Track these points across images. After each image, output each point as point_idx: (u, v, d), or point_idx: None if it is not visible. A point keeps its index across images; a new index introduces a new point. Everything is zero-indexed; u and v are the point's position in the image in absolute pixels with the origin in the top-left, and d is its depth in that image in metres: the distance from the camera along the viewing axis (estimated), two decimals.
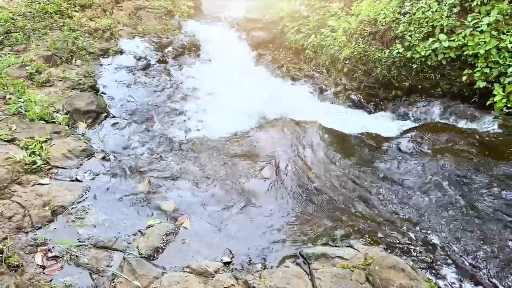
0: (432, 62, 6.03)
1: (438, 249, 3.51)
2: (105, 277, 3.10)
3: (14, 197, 3.70)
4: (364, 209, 4.07)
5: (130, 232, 3.60)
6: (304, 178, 4.58)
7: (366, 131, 5.60)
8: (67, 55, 6.93)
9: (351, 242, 3.55)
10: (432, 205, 4.05)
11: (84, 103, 5.62)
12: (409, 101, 6.37)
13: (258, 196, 4.30)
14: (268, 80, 8.04)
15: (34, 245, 3.28)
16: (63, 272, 3.11)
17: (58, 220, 3.62)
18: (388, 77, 6.51)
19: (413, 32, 6.23)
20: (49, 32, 7.48)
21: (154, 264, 3.25)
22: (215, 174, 4.61)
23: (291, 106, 6.71)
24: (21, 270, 3.03)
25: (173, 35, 9.13)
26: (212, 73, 7.96)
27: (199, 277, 3.10)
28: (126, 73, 7.18)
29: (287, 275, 3.11)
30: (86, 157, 4.68)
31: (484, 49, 5.53)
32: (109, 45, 7.84)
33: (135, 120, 5.79)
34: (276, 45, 9.29)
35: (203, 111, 6.41)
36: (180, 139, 5.41)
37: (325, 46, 7.72)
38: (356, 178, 4.56)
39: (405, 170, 4.64)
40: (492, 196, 4.05)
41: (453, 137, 5.16)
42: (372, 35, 6.86)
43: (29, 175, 4.07)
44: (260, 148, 5.18)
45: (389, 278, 2.95)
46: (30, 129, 4.80)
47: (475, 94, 5.80)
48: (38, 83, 5.92)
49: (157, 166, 4.69)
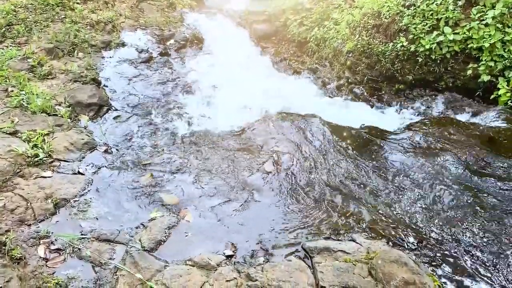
0: (436, 55, 5.98)
1: (441, 243, 3.51)
2: (108, 270, 3.11)
3: (17, 190, 3.71)
4: (366, 203, 4.06)
5: (132, 225, 3.61)
6: (306, 172, 4.57)
7: (369, 125, 5.57)
8: (69, 48, 6.91)
9: (353, 236, 3.55)
10: (435, 199, 4.04)
11: (86, 96, 5.60)
12: (412, 94, 6.34)
13: (260, 190, 4.29)
14: (271, 73, 8.00)
15: (37, 237, 3.30)
16: (66, 265, 3.12)
17: (60, 213, 3.63)
18: (392, 71, 6.46)
19: (417, 25, 6.17)
20: (51, 24, 7.47)
21: (157, 257, 3.26)
22: (217, 167, 4.60)
23: (294, 100, 6.67)
24: (24, 263, 3.05)
25: (175, 28, 9.08)
26: (214, 66, 7.92)
27: (202, 270, 3.11)
28: (128, 66, 7.16)
29: (289, 268, 3.12)
30: (89, 150, 4.68)
31: (489, 42, 5.48)
32: (111, 37, 7.81)
33: (137, 113, 5.78)
34: (278, 38, 9.22)
35: (205, 104, 6.39)
36: (182, 133, 5.39)
37: (328, 39, 7.67)
38: (359, 172, 4.55)
39: (407, 164, 4.62)
40: (497, 191, 4.04)
41: (456, 131, 5.13)
42: (375, 28, 6.81)
43: (31, 168, 4.07)
44: (262, 141, 5.16)
45: (391, 272, 2.95)
46: (32, 121, 4.79)
47: (479, 88, 5.76)
48: (40, 76, 5.90)
49: (159, 160, 4.68)
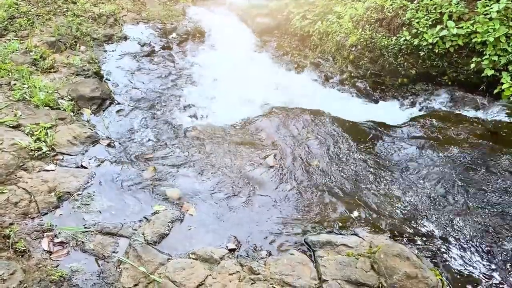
0: (439, 49, 5.95)
1: (444, 238, 3.51)
2: (111, 263, 3.13)
3: (20, 183, 3.72)
4: (369, 197, 4.07)
5: (135, 219, 3.63)
6: (308, 167, 4.58)
7: (372, 119, 5.56)
8: (71, 41, 6.89)
9: (356, 230, 3.56)
10: (438, 194, 4.04)
11: (89, 90, 5.59)
12: (415, 89, 6.31)
13: (263, 184, 4.30)
14: (273, 67, 7.96)
15: (41, 230, 3.32)
16: (70, 258, 3.14)
17: (64, 206, 3.65)
18: (395, 65, 6.43)
19: (420, 19, 6.13)
20: (53, 17, 7.44)
21: (160, 250, 3.28)
22: (220, 161, 4.60)
23: (296, 94, 6.65)
24: (28, 255, 3.07)
25: (177, 21, 9.03)
26: (217, 59, 7.89)
27: (204, 264, 3.13)
28: (130, 59, 7.14)
29: (292, 262, 3.13)
30: (91, 144, 4.68)
31: (493, 36, 5.44)
32: (113, 31, 7.78)
33: (139, 107, 5.78)
34: (281, 32, 9.16)
35: (207, 98, 6.38)
36: (185, 127, 5.39)
37: (331, 32, 7.62)
38: (361, 166, 4.55)
39: (410, 159, 4.62)
40: (499, 186, 4.03)
41: (459, 125, 5.13)
42: (379, 22, 6.77)
43: (34, 161, 4.08)
44: (265, 136, 5.16)
45: (394, 266, 2.96)
46: (35, 115, 4.79)
47: (483, 82, 5.73)
48: (43, 69, 5.89)
49: (162, 153, 4.69)
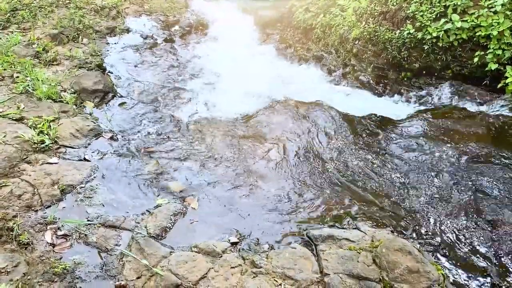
0: (443, 43, 5.90)
1: (446, 233, 3.51)
2: (114, 255, 3.15)
3: (24, 176, 3.74)
4: (371, 191, 4.07)
5: (138, 212, 3.64)
6: (311, 160, 4.58)
7: (375, 113, 5.54)
8: (73, 34, 6.88)
9: (358, 224, 3.57)
10: (441, 189, 4.04)
11: (92, 82, 5.59)
12: (419, 83, 6.27)
13: (265, 177, 4.30)
14: (276, 60, 7.94)
15: (44, 223, 3.33)
16: (73, 250, 3.16)
17: (67, 199, 3.66)
18: (398, 58, 6.39)
19: (424, 12, 6.08)
20: (55, 10, 7.43)
21: (162, 243, 3.29)
22: (222, 155, 4.61)
23: (299, 87, 6.63)
24: (32, 248, 3.09)
25: (180, 14, 9.01)
26: (219, 52, 7.87)
27: (207, 257, 3.14)
28: (133, 52, 7.13)
29: (293, 256, 3.14)
30: (94, 137, 4.69)
31: (497, 30, 5.39)
32: (115, 23, 7.76)
33: (142, 100, 5.77)
34: (284, 25, 9.12)
35: (210, 91, 6.37)
36: (188, 120, 5.39)
37: (334, 25, 7.57)
38: (364, 160, 4.54)
39: (413, 153, 4.61)
40: (503, 181, 4.02)
41: (463, 120, 5.10)
42: (382, 15, 6.72)
43: (37, 154, 4.09)
44: (267, 129, 5.16)
45: (396, 260, 2.97)
46: (38, 108, 4.80)
47: (486, 77, 5.69)
48: (45, 62, 5.89)
49: (164, 147, 4.69)
